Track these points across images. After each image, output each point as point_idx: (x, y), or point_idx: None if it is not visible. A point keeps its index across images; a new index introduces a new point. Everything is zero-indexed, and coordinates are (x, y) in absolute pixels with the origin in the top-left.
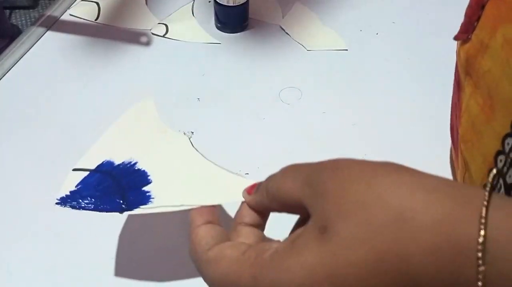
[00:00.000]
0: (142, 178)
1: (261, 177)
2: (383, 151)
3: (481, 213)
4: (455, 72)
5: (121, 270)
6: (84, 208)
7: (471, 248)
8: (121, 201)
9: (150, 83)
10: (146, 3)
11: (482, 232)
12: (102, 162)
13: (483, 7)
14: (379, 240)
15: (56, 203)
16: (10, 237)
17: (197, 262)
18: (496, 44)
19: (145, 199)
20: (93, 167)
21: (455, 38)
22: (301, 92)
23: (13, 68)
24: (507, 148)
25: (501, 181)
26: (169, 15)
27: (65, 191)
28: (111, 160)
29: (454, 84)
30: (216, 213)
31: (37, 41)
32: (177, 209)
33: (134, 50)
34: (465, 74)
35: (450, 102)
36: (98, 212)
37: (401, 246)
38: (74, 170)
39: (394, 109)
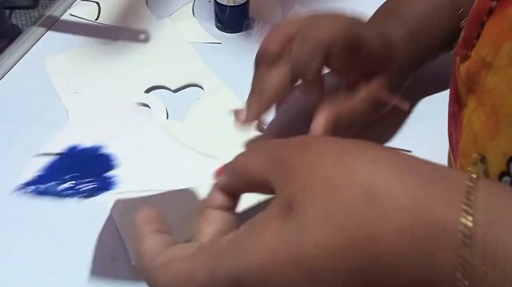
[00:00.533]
0: (109, 162)
1: None
2: None
3: (466, 195)
4: (451, 84)
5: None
6: (45, 194)
7: (451, 231)
8: (86, 186)
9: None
10: (146, 3)
11: (470, 217)
12: (68, 146)
13: (482, 24)
14: (348, 219)
15: (16, 190)
16: (10, 237)
17: (145, 273)
18: (501, 62)
19: (111, 184)
20: (58, 151)
21: (455, 54)
22: (301, 92)
23: (13, 68)
24: None
25: None
26: (170, 15)
27: (26, 177)
28: (77, 144)
29: (451, 94)
30: (164, 220)
31: (37, 41)
32: (145, 193)
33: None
34: (467, 90)
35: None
36: (76, 201)
37: (372, 226)
38: (37, 155)
39: (394, 109)
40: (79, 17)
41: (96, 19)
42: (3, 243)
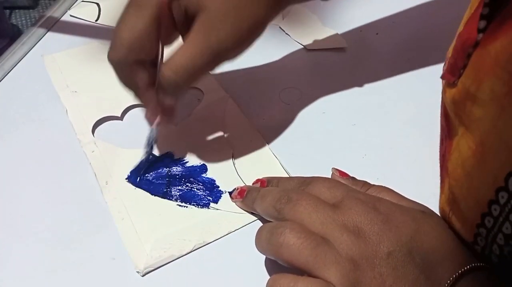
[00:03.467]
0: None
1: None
2: (383, 151)
3: None
4: (441, 101)
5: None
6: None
7: None
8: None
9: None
10: None
11: None
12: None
13: (469, 55)
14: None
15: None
16: (9, 236)
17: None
18: (484, 96)
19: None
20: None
21: (442, 77)
22: (301, 92)
23: (14, 69)
24: (501, 200)
25: (495, 229)
26: None
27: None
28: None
29: (442, 108)
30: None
31: (37, 42)
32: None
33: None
34: (454, 114)
35: None
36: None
37: None
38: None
39: (395, 109)
40: (79, 18)
41: (96, 20)
42: (3, 243)
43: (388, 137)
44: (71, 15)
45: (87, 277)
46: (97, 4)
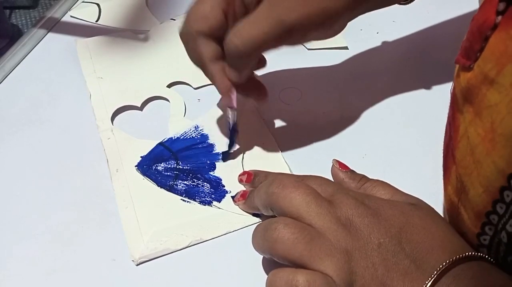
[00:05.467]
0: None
1: None
2: (383, 150)
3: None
4: (452, 88)
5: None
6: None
7: None
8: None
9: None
10: (147, 5)
11: None
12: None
13: (486, 38)
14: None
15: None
16: (10, 237)
17: None
18: (504, 81)
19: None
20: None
21: (456, 61)
22: (301, 92)
23: (15, 70)
24: None
25: (506, 215)
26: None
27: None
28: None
29: (451, 97)
30: None
31: (38, 43)
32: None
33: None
34: (463, 100)
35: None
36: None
37: None
38: None
39: (395, 109)
40: (80, 19)
41: (96, 21)
42: (3, 243)
43: (388, 137)
44: (71, 16)
45: (87, 277)
46: (98, 4)
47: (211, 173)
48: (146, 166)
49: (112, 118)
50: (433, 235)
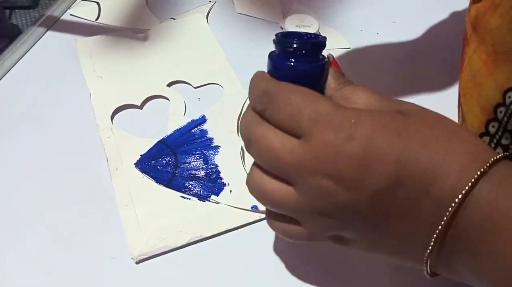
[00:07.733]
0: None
1: None
2: None
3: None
4: (463, 38)
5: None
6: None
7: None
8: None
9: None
10: (147, 3)
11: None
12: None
13: None
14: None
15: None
16: (10, 237)
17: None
18: (506, 3)
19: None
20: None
21: (470, 1)
22: None
23: (13, 68)
24: (508, 101)
25: (499, 132)
26: (180, 14)
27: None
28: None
29: (462, 39)
30: None
31: (37, 41)
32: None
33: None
34: (471, 31)
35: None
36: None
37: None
38: None
39: None
40: (79, 17)
41: (96, 19)
42: (3, 243)
43: None
44: (71, 14)
45: (86, 275)
46: (97, 3)
47: (210, 165)
48: (145, 163)
49: (112, 117)
50: (438, 140)
